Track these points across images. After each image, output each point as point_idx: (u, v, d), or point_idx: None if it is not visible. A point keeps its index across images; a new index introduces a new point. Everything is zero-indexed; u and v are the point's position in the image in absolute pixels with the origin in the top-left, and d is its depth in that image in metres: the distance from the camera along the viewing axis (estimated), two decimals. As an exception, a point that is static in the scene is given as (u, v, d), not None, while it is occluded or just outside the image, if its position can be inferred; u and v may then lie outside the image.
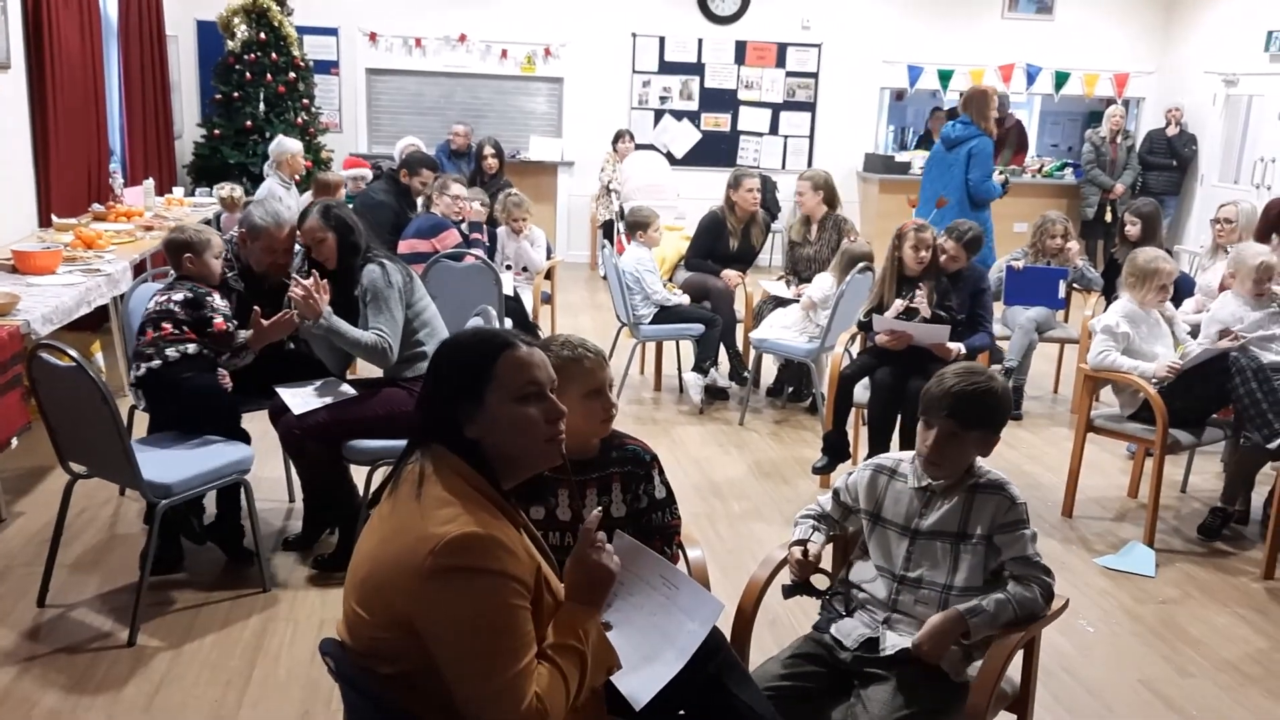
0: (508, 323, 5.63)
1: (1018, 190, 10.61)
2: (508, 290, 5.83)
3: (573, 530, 2.35)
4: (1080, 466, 4.68)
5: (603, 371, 2.37)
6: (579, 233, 10.90)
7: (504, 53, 10.53)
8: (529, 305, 6.30)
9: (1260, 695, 3.29)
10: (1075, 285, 6.42)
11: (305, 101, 9.24)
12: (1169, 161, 10.42)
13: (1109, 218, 10.00)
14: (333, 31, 10.31)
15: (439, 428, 1.77)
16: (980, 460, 2.51)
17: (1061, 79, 11.08)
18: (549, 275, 6.71)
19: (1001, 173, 7.35)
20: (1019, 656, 2.46)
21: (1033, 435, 5.86)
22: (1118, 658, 3.50)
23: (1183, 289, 5.70)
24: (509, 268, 6.54)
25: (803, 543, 2.51)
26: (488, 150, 8.06)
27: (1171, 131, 10.42)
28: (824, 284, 5.67)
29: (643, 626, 2.01)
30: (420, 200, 6.55)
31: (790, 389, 6.30)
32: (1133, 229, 6.10)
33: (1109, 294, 6.25)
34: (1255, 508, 4.71)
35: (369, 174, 7.79)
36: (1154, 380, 4.33)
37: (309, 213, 3.94)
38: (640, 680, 1.93)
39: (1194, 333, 4.86)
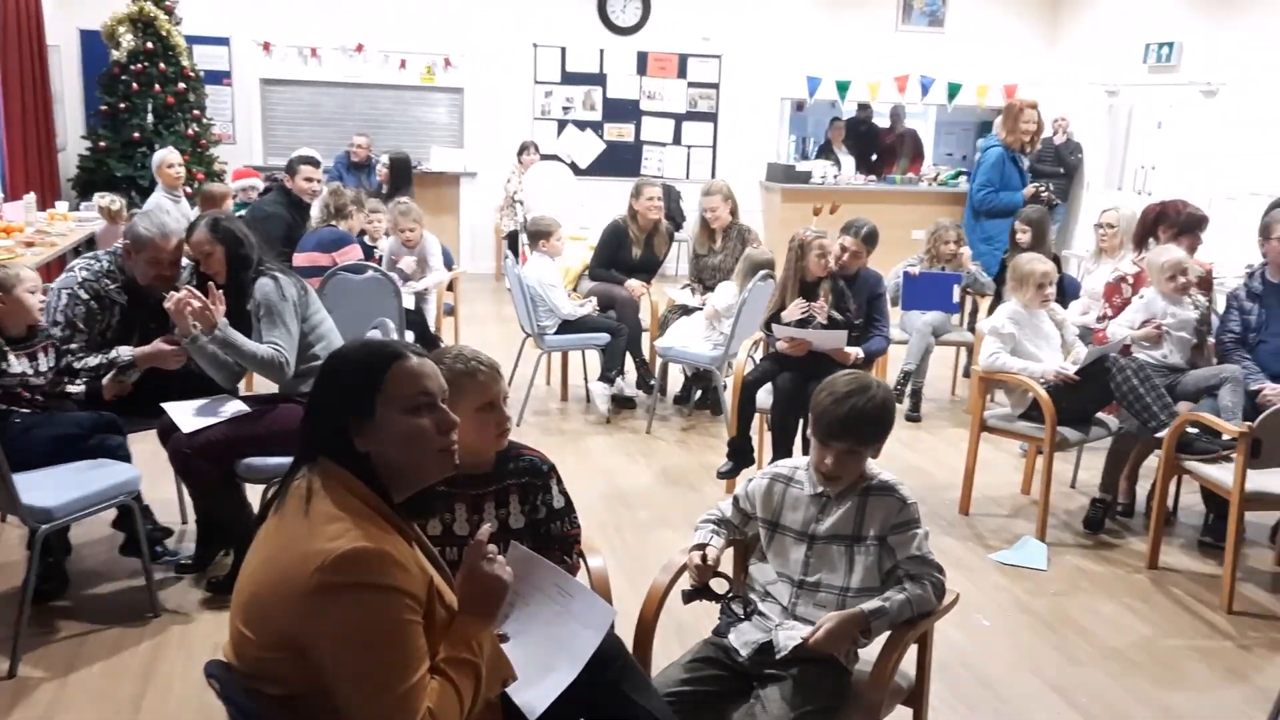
0: (408, 336, 5.57)
1: (914, 198, 10.93)
2: (408, 303, 5.75)
3: (472, 544, 2.32)
4: (976, 466, 4.80)
5: (497, 385, 2.35)
6: (483, 244, 10.83)
7: (403, 62, 10.42)
8: (430, 317, 6.23)
9: (1145, 681, 3.42)
10: (969, 290, 6.60)
11: (196, 113, 9.02)
12: (1057, 169, 10.79)
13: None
14: (224, 41, 10.08)
15: (329, 441, 1.74)
16: (873, 462, 2.56)
17: (954, 89, 11.40)
18: (451, 287, 6.64)
19: (1040, 187, 7.00)
20: (914, 652, 2.52)
21: (932, 436, 6.00)
22: (1011, 650, 3.60)
23: (1069, 292, 5.93)
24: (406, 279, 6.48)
25: (702, 547, 2.53)
26: (383, 161, 7.96)
27: (1059, 140, 10.80)
28: (727, 292, 5.74)
29: (539, 636, 2.01)
30: (317, 208, 6.39)
31: (699, 394, 6.34)
32: (1023, 236, 6.31)
33: (1002, 298, 6.43)
34: (1140, 500, 4.89)
35: (259, 184, 7.63)
36: (1043, 381, 4.48)
37: (197, 225, 3.84)
38: (535, 691, 1.92)
39: (1083, 335, 5.04)
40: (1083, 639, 3.69)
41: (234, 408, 3.76)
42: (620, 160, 10.90)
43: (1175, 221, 5.02)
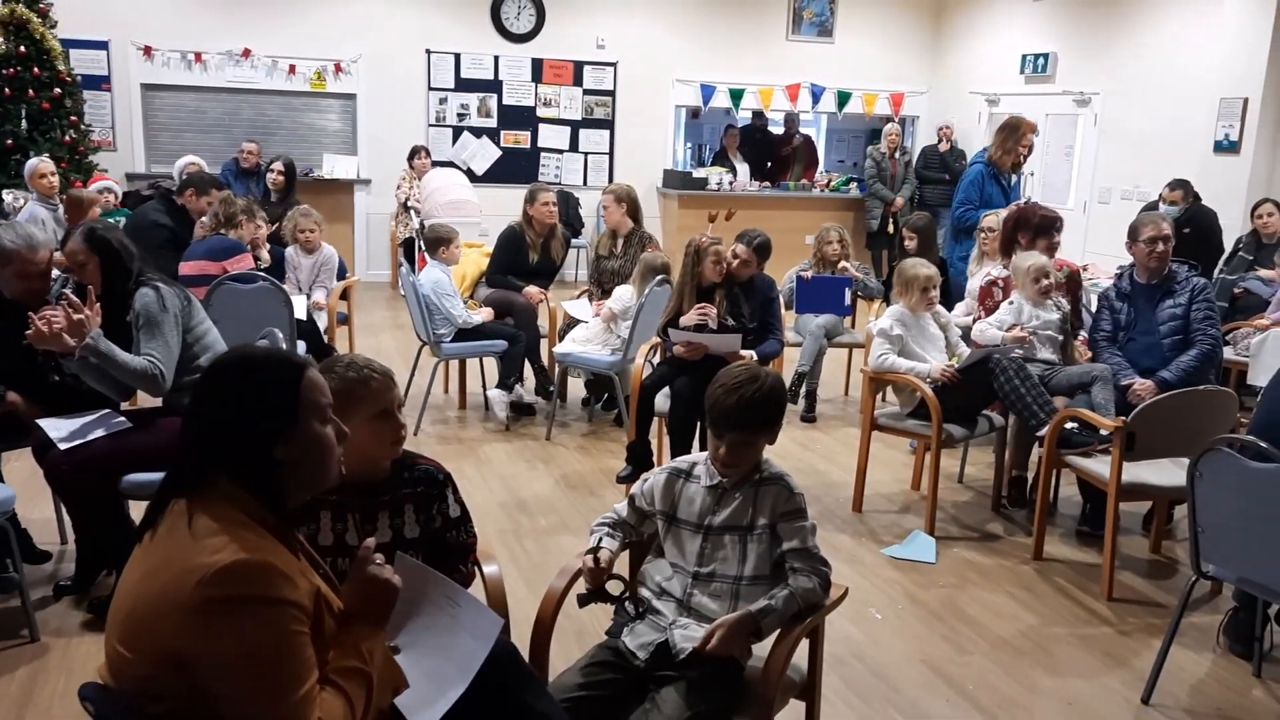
0: (300, 346, 5.46)
1: (808, 205, 11.14)
2: (300, 313, 5.63)
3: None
4: (867, 463, 4.92)
5: (390, 392, 2.33)
6: (379, 251, 10.67)
7: (292, 68, 10.21)
8: (323, 327, 6.11)
9: (1030, 667, 3.55)
10: (860, 294, 6.76)
11: (74, 119, 8.67)
12: (942, 175, 11.13)
13: (891, 229, 10.60)
14: (103, 45, 9.73)
15: (235, 451, 1.70)
16: (769, 456, 2.61)
17: (844, 98, 11.68)
18: (345, 295, 6.53)
19: (1026, 200, 6.48)
20: (806, 646, 2.57)
21: (826, 436, 6.13)
22: (903, 641, 3.69)
23: (954, 294, 6.12)
24: (312, 285, 6.37)
25: (595, 550, 2.54)
26: (275, 167, 7.79)
27: (944, 148, 11.14)
28: (624, 295, 5.77)
29: (429, 647, 2.00)
30: (206, 219, 6.23)
31: (605, 396, 6.34)
32: (910, 243, 6.50)
33: (891, 301, 6.61)
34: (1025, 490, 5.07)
35: (116, 187, 7.45)
36: (929, 380, 4.62)
37: (71, 234, 3.71)
38: (426, 705, 1.90)
39: (965, 336, 5.20)
40: (971, 629, 3.81)
41: (113, 423, 3.63)
42: (517, 167, 10.86)
43: (1031, 224, 5.23)
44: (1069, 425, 4.36)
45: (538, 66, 10.82)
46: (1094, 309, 5.23)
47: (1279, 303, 6.38)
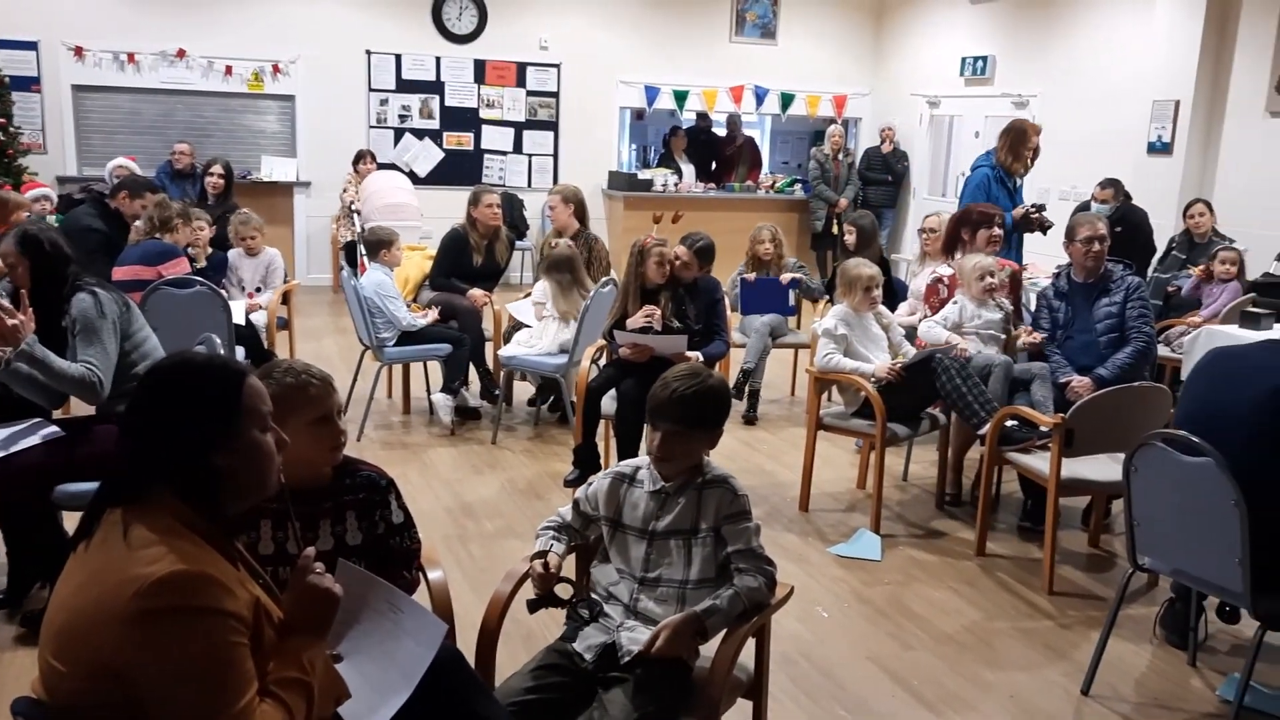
0: (239, 352, 5.37)
1: (753, 206, 11.19)
2: (239, 318, 5.54)
3: (309, 564, 2.26)
4: (813, 463, 4.95)
5: (330, 398, 2.30)
6: (320, 255, 10.53)
7: (228, 69, 10.03)
8: (262, 331, 6.02)
9: (973, 661, 3.59)
10: (803, 294, 6.81)
11: (2, 121, 8.45)
12: (885, 177, 11.26)
13: (835, 230, 10.69)
14: (32, 45, 9.48)
15: (174, 459, 1.67)
16: (711, 459, 2.61)
17: (787, 100, 11.76)
18: (286, 299, 6.43)
19: (1031, 209, 6.23)
20: (753, 646, 2.58)
21: (772, 435, 6.16)
22: (849, 639, 3.72)
23: (898, 294, 6.19)
24: (257, 289, 6.26)
25: (543, 554, 2.53)
26: (214, 170, 7.65)
27: (886, 149, 11.27)
28: (538, 287, 5.83)
29: (372, 654, 1.98)
30: (140, 223, 6.11)
31: (551, 398, 6.30)
32: (850, 238, 6.54)
33: (834, 301, 6.66)
34: (966, 490, 5.14)
35: (52, 193, 7.28)
36: (873, 379, 4.66)
37: (2, 238, 3.61)
38: (369, 710, 1.88)
39: (910, 336, 5.26)
40: (916, 625, 3.85)
41: (45, 431, 3.53)
42: (459, 169, 10.78)
43: (971, 220, 5.31)
44: (1009, 423, 4.43)
45: (480, 68, 10.75)
46: (1033, 308, 5.31)
47: (1222, 300, 6.54)
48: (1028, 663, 3.60)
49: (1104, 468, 4.16)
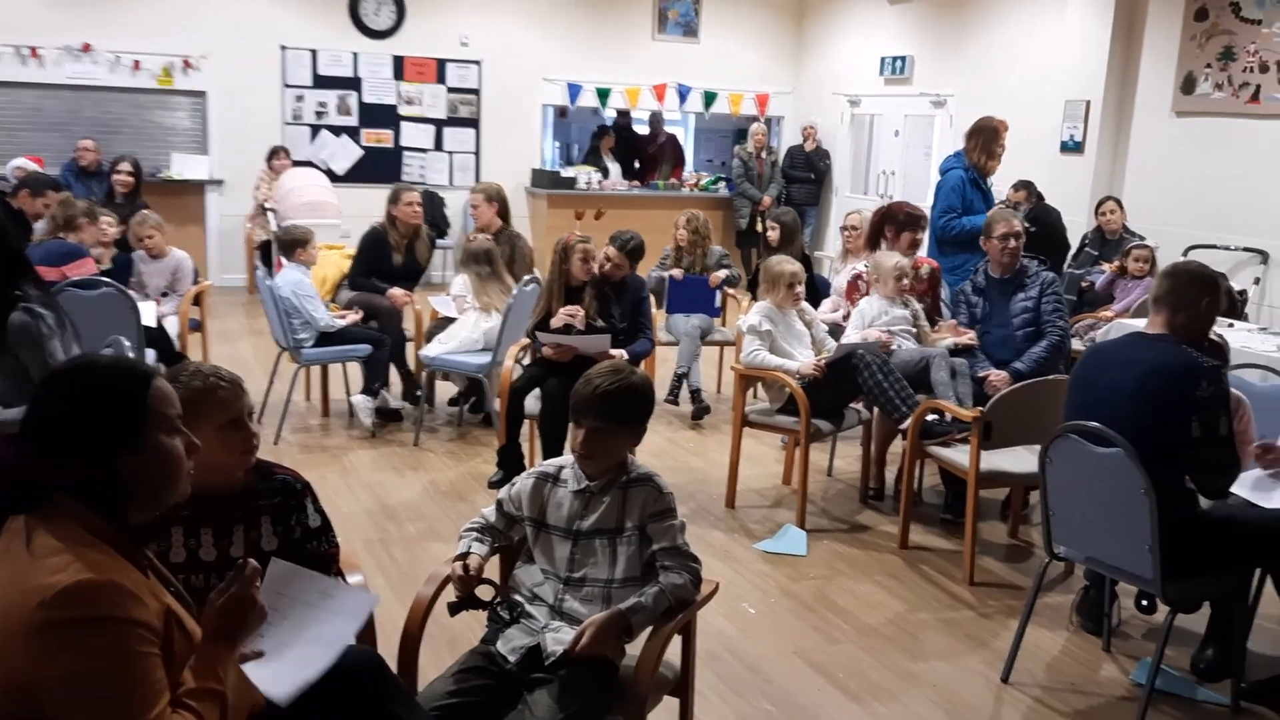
0: (149, 355, 5.20)
1: (677, 204, 11.14)
2: (149, 320, 5.37)
3: (218, 571, 2.20)
4: (739, 460, 4.97)
5: (240, 400, 2.23)
6: (233, 255, 10.27)
7: (136, 64, 9.71)
8: (174, 334, 5.84)
9: (897, 653, 3.63)
10: (728, 290, 6.84)
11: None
12: (808, 175, 11.37)
13: (760, 228, 10.76)
14: (-73, 39, 9.10)
15: (78, 468, 1.62)
16: (636, 458, 2.59)
17: (710, 98, 11.80)
18: (198, 301, 6.25)
19: (1005, 202, 6.17)
20: (680, 644, 2.57)
21: (699, 433, 6.17)
22: (775, 634, 3.73)
23: (821, 291, 6.24)
24: (164, 294, 6.07)
25: (465, 556, 2.49)
26: (122, 168, 7.41)
27: (809, 147, 11.38)
28: (456, 280, 5.82)
29: (301, 641, 1.97)
30: (43, 223, 5.89)
31: (473, 399, 6.22)
32: (773, 234, 6.59)
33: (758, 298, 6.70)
34: (889, 484, 5.20)
35: None
36: (798, 375, 4.68)
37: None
38: (290, 682, 1.86)
39: (833, 332, 5.30)
40: (841, 618, 3.88)
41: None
42: (380, 166, 10.58)
43: (897, 220, 5.37)
44: (930, 417, 4.48)
45: (399, 64, 10.59)
46: (952, 304, 5.39)
47: (1135, 294, 6.72)
48: (949, 652, 3.65)
49: (1021, 460, 4.23)
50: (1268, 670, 3.39)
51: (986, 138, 6.04)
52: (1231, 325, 5.62)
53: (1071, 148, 8.53)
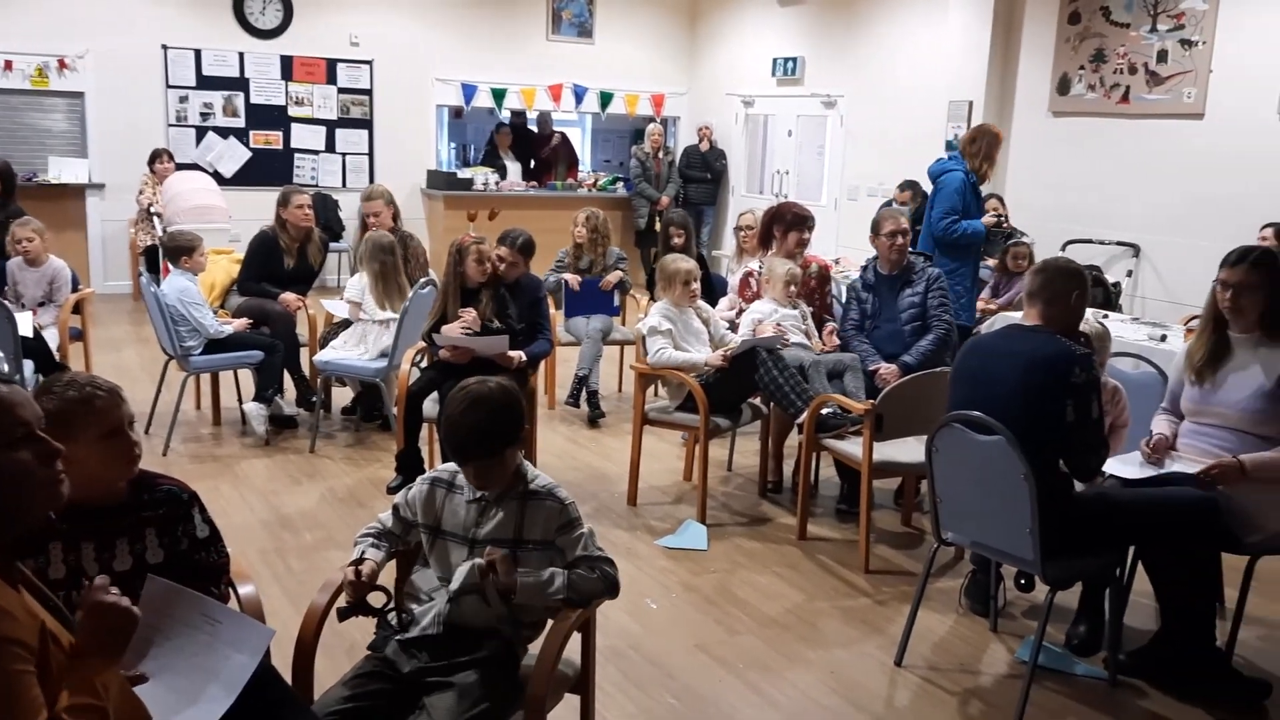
0: (27, 366, 5.00)
1: (575, 204, 11.13)
2: (25, 330, 5.15)
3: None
4: (640, 458, 5.00)
5: (119, 409, 2.17)
6: (117, 261, 9.93)
7: (8, 64, 9.30)
8: (54, 344, 5.62)
9: (796, 641, 3.71)
10: (622, 291, 6.87)
11: None
12: (704, 174, 11.49)
13: (658, 227, 10.83)
14: None
15: None
16: (530, 465, 2.59)
17: (606, 99, 11.84)
18: (79, 309, 6.03)
19: (998, 215, 6.27)
20: (580, 641, 2.58)
21: (600, 432, 6.19)
22: (677, 628, 3.78)
23: (717, 289, 6.33)
24: (41, 303, 5.84)
25: (359, 562, 2.46)
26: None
27: (704, 147, 11.50)
28: (354, 282, 5.70)
29: (185, 670, 1.92)
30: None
31: (365, 407, 6.14)
32: (678, 240, 6.66)
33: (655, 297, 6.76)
34: (787, 477, 5.30)
35: None
36: (705, 368, 4.74)
37: None
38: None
39: (732, 328, 5.38)
40: (741, 610, 3.94)
41: None
42: (269, 169, 10.34)
43: (785, 220, 5.48)
44: (825, 410, 4.59)
45: (287, 64, 10.36)
46: (844, 301, 5.52)
47: (1016, 289, 6.96)
48: (846, 639, 3.74)
49: (912, 450, 4.35)
50: (1141, 644, 3.56)
51: (989, 143, 6.06)
52: (1106, 316, 5.88)
53: (956, 147, 8.79)
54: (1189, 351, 3.60)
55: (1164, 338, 5.26)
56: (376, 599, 2.45)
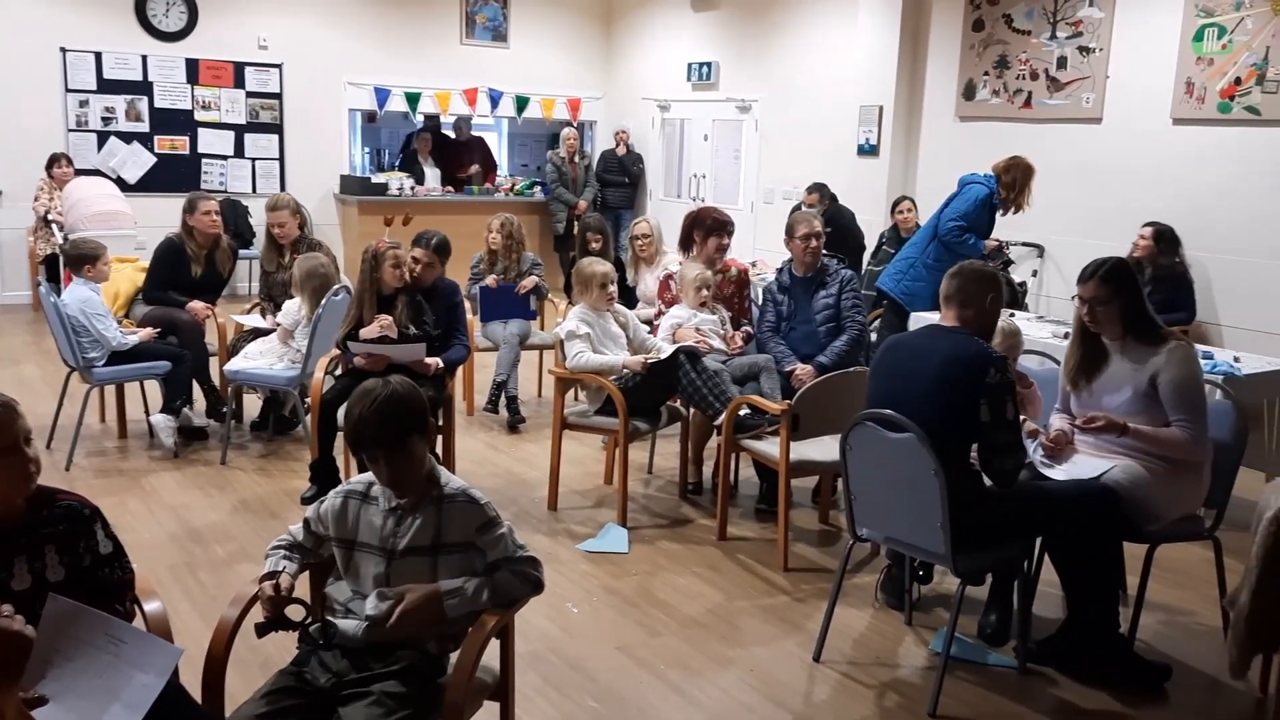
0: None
1: (493, 208, 11.07)
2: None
3: (-1, 606, 2.06)
4: (560, 462, 4.99)
5: (14, 425, 2.10)
6: (14, 271, 9.58)
7: (-103, 67, 8.95)
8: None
9: (716, 641, 3.74)
10: (538, 296, 6.85)
11: None
12: (622, 179, 11.52)
13: (576, 232, 10.81)
14: None
15: None
16: (444, 470, 2.56)
17: (522, 103, 11.79)
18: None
19: (1001, 243, 6.50)
20: (498, 647, 2.57)
21: (520, 438, 6.16)
22: (598, 631, 3.78)
23: (632, 293, 6.36)
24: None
25: (273, 575, 2.41)
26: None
27: (621, 152, 11.53)
28: (290, 307, 5.54)
29: (87, 691, 1.89)
30: None
31: (275, 417, 6.02)
32: (596, 244, 6.67)
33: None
34: (707, 478, 5.34)
35: None
36: (625, 371, 4.74)
37: None
38: None
39: (653, 332, 5.40)
40: (662, 612, 3.96)
41: None
42: (176, 174, 10.06)
43: (705, 225, 5.53)
44: (743, 412, 4.63)
45: (193, 67, 10.10)
46: (761, 303, 5.59)
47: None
48: (766, 637, 3.78)
49: (827, 449, 4.42)
50: (1049, 633, 3.66)
51: (1023, 176, 6.16)
52: (1013, 315, 6.04)
53: (867, 150, 8.97)
54: (1064, 360, 3.73)
55: (1067, 335, 5.41)
56: (295, 612, 2.40)
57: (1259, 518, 3.11)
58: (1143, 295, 3.57)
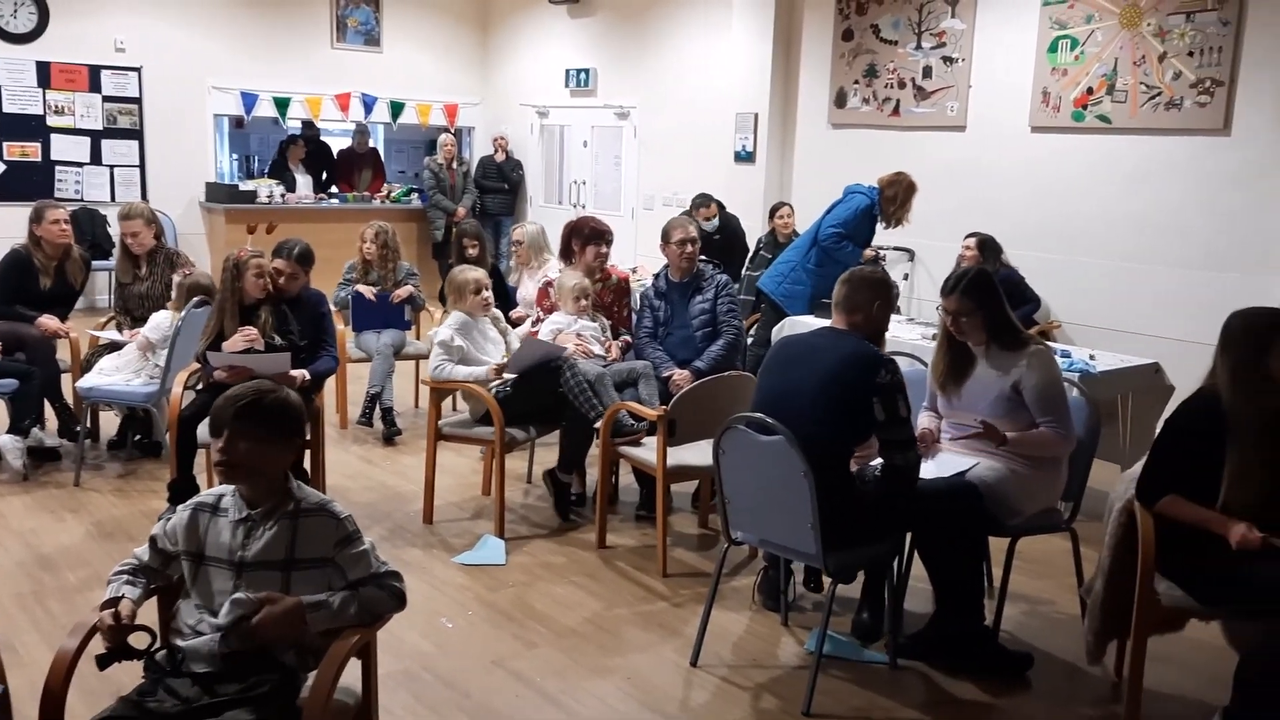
0: None
1: (369, 216, 10.80)
2: None
3: None
4: (435, 474, 4.89)
5: None
6: None
7: None
8: None
9: (594, 650, 3.70)
10: (413, 306, 6.72)
11: None
12: (501, 185, 11.41)
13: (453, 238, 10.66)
14: None
15: None
16: (303, 486, 2.47)
17: (397, 108, 11.59)
18: None
19: (878, 251, 6.71)
20: (360, 668, 2.48)
21: (398, 451, 6.02)
22: (474, 646, 3.70)
23: (512, 299, 6.30)
24: None
25: (115, 602, 2.28)
26: None
27: (500, 158, 11.43)
28: (161, 321, 5.30)
29: None
30: None
31: (137, 436, 5.75)
32: (473, 250, 6.58)
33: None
34: (590, 485, 5.30)
35: None
36: (494, 386, 4.67)
37: None
38: None
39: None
40: (539, 623, 3.90)
41: None
42: (27, 182, 9.54)
43: (583, 234, 5.51)
44: (621, 415, 4.61)
45: (44, 70, 9.62)
46: (638, 308, 5.58)
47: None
48: (644, 644, 3.76)
49: (705, 453, 4.38)
50: (919, 627, 3.74)
51: (905, 192, 6.26)
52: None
53: (744, 157, 9.08)
54: (932, 366, 3.84)
55: (935, 336, 5.55)
56: (139, 640, 2.28)
57: (1110, 509, 3.24)
58: (1004, 303, 3.69)
